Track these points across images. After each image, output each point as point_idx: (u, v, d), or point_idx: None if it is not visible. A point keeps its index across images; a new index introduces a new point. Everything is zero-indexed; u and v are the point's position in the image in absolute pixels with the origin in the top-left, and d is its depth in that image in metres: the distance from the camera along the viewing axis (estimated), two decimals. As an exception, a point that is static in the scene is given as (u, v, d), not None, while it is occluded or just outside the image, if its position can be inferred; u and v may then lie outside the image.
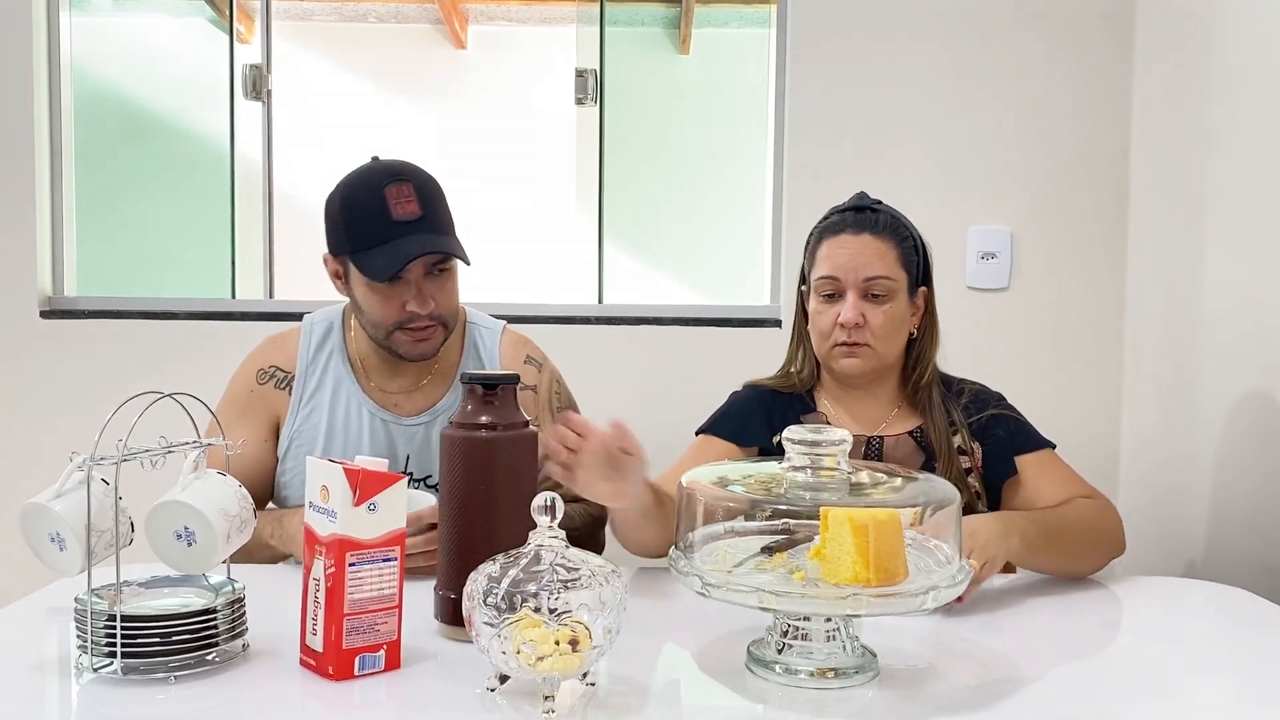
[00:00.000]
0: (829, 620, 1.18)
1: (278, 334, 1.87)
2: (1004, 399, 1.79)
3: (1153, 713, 1.14)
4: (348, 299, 1.79)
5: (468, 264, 1.71)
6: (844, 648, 1.19)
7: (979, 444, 1.72)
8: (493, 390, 1.29)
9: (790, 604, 1.13)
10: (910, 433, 1.72)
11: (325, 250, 1.77)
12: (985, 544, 1.41)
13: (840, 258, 1.68)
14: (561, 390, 1.90)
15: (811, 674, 1.17)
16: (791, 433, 1.25)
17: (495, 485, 1.27)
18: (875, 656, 1.22)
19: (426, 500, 1.55)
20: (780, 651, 1.19)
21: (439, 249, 1.66)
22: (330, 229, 1.74)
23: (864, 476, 1.28)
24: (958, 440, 1.71)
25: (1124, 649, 1.37)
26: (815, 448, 1.24)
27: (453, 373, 1.83)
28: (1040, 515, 1.58)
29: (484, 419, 1.28)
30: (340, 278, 1.76)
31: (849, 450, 1.31)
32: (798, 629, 1.19)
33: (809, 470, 1.24)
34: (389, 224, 1.65)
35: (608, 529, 1.63)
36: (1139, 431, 2.50)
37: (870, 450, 1.71)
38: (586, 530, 1.72)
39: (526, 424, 1.31)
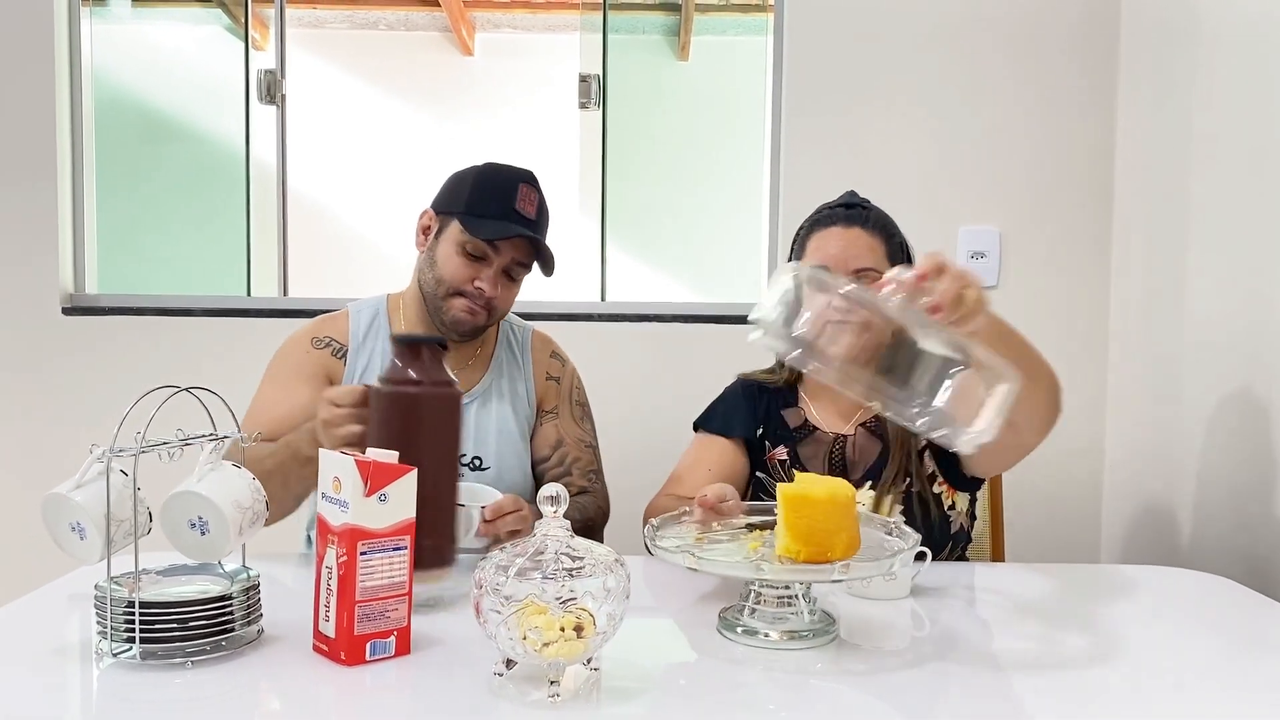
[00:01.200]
0: (787, 588, 1.25)
1: (324, 315, 1.89)
2: None
3: (1133, 689, 1.14)
4: (416, 262, 1.84)
5: (549, 274, 1.81)
6: (802, 614, 1.25)
7: None
8: (418, 347, 1.35)
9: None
10: (865, 424, 1.72)
11: (428, 205, 1.84)
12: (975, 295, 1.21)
13: (831, 248, 1.67)
14: (579, 387, 1.96)
15: (766, 635, 1.23)
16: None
17: (421, 437, 1.30)
18: (834, 621, 1.28)
19: (490, 493, 1.55)
20: (749, 615, 1.26)
21: (540, 238, 1.77)
22: (450, 188, 1.81)
23: None
24: None
25: (1108, 629, 1.37)
26: None
27: (488, 361, 1.88)
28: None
29: (412, 374, 1.33)
30: (427, 232, 1.82)
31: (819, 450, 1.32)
32: (759, 595, 1.26)
33: None
34: (508, 208, 1.74)
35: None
36: (1123, 425, 2.50)
37: (835, 448, 1.70)
38: (585, 531, 1.73)
39: (451, 383, 1.37)
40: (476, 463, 1.80)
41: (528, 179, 1.78)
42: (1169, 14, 2.26)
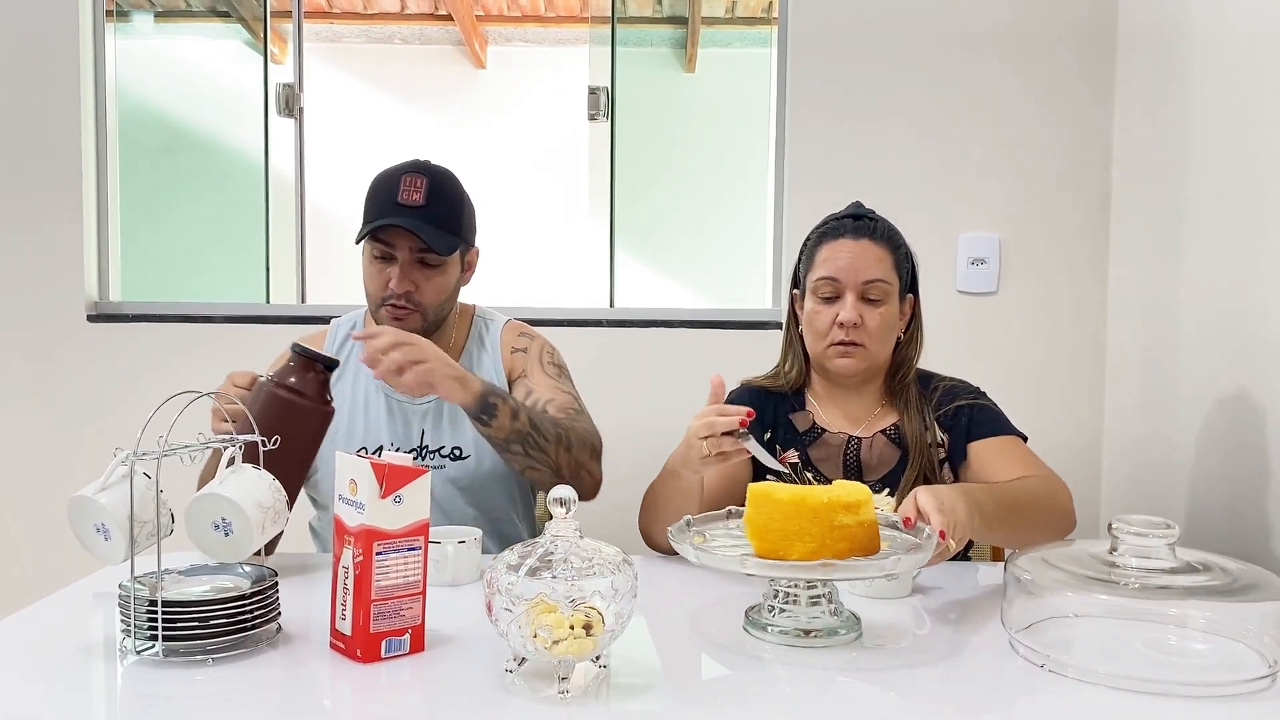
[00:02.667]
0: (812, 586, 1.26)
1: (305, 335, 1.89)
2: (981, 393, 1.76)
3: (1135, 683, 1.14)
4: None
5: (440, 254, 1.72)
6: (826, 612, 1.25)
7: (946, 435, 1.70)
8: (311, 363, 1.48)
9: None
10: (884, 431, 1.72)
11: None
12: (961, 523, 1.32)
13: (841, 260, 1.66)
14: (552, 353, 1.92)
15: (785, 632, 1.24)
16: None
17: (284, 440, 1.37)
18: (859, 620, 1.28)
19: (468, 531, 1.55)
20: (772, 614, 1.27)
21: (413, 230, 1.69)
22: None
23: None
24: (930, 435, 1.69)
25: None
26: None
27: (457, 356, 1.86)
28: (996, 489, 1.51)
29: (295, 383, 1.46)
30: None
31: (831, 452, 1.32)
32: (787, 594, 1.27)
33: None
34: (392, 205, 1.70)
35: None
36: (1121, 427, 2.49)
37: (849, 450, 1.70)
38: (561, 437, 1.67)
39: (326, 403, 1.49)
40: (457, 453, 1.80)
41: (412, 168, 1.73)
42: (1164, 23, 2.26)
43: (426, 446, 1.80)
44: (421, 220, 1.70)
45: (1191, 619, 1.18)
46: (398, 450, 1.77)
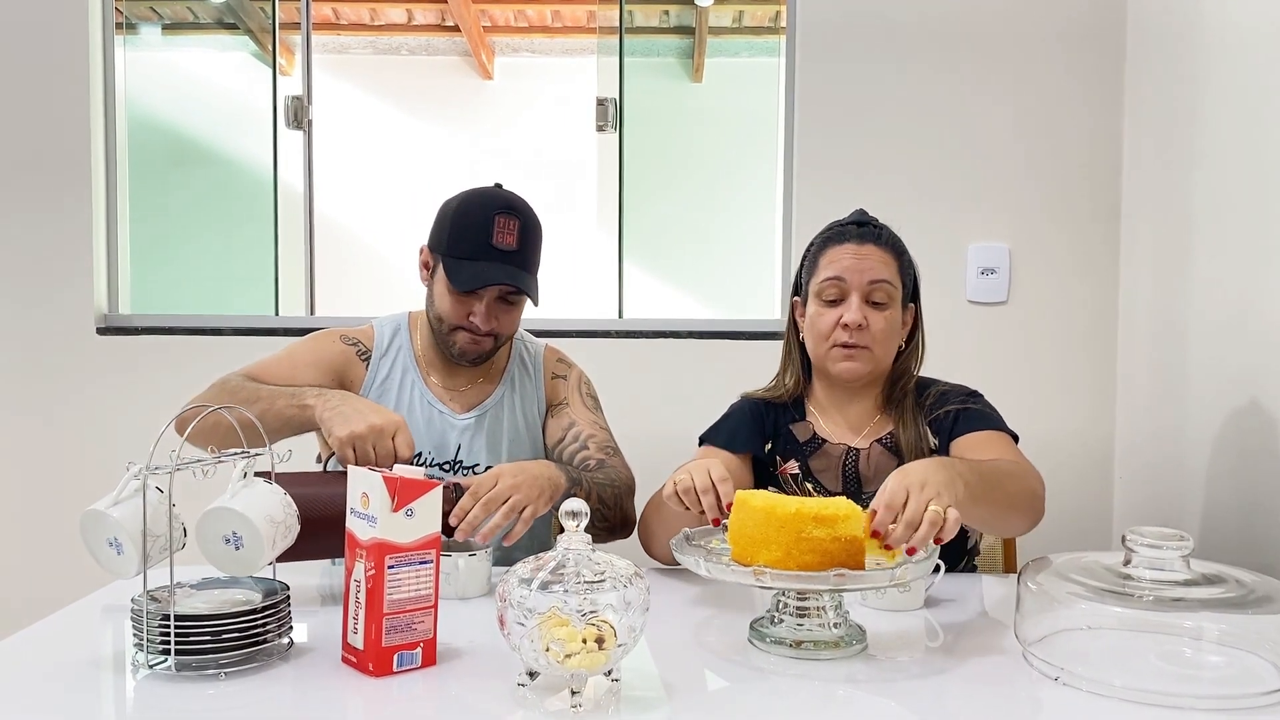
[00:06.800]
0: (816, 598, 1.27)
1: (352, 328, 1.91)
2: (974, 396, 1.73)
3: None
4: (424, 293, 1.86)
5: (535, 304, 1.79)
6: (826, 624, 1.26)
7: (938, 439, 1.70)
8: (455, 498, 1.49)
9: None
10: (880, 440, 1.71)
11: (425, 242, 1.84)
12: (941, 490, 1.28)
13: (846, 261, 1.67)
14: (588, 383, 1.97)
15: (785, 644, 1.25)
16: None
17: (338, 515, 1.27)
18: (864, 631, 1.28)
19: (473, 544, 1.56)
20: (775, 624, 1.28)
21: (515, 284, 1.74)
22: (437, 228, 1.80)
23: None
24: (924, 443, 1.69)
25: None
26: None
27: (500, 375, 1.90)
28: (974, 463, 1.47)
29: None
30: (427, 269, 1.83)
31: (831, 463, 1.31)
32: (786, 605, 1.28)
33: None
34: (486, 246, 1.73)
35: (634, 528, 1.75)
36: (1132, 434, 2.49)
37: (848, 461, 1.70)
38: (616, 500, 1.74)
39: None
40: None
41: (505, 207, 1.75)
42: (1173, 29, 2.26)
43: (461, 461, 1.82)
44: (517, 267, 1.74)
45: (1206, 631, 1.18)
46: (433, 460, 1.79)
